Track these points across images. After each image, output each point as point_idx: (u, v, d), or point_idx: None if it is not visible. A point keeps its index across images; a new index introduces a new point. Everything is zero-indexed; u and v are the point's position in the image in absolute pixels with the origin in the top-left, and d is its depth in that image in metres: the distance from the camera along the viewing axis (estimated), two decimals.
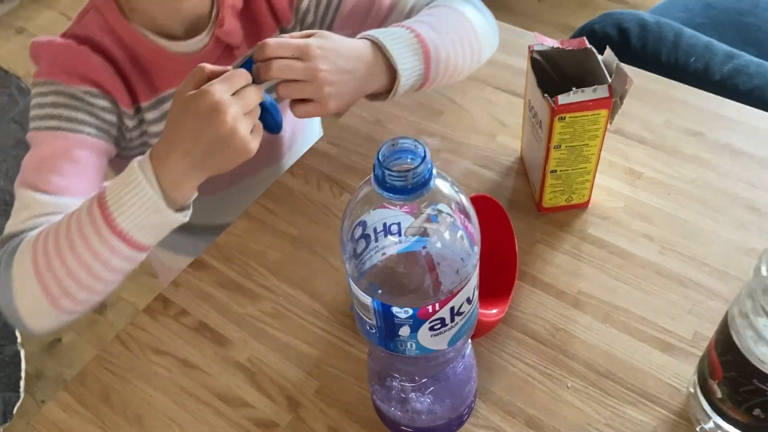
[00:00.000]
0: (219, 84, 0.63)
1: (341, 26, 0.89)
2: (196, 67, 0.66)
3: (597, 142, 0.77)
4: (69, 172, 0.75)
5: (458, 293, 0.50)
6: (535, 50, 0.79)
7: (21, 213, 0.73)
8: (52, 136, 0.76)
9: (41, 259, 0.67)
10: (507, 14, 2.38)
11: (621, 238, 0.81)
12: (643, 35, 1.15)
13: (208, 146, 0.64)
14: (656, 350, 0.72)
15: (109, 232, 0.65)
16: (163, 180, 0.65)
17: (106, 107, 0.80)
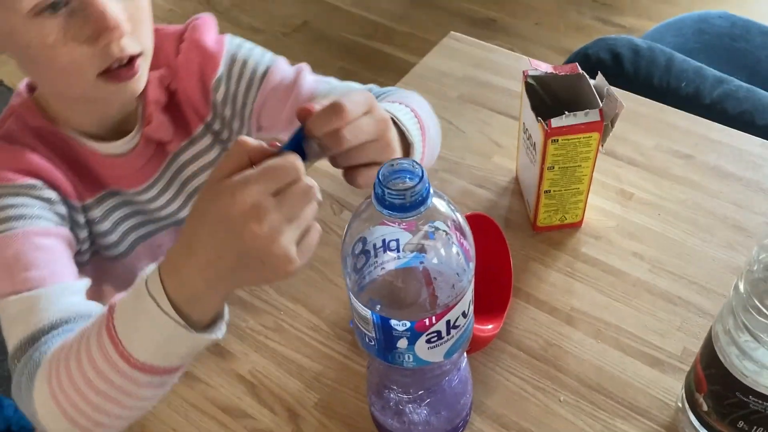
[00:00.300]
0: (257, 182, 0.47)
1: (259, 117, 0.85)
2: (236, 144, 0.50)
3: (589, 164, 0.80)
4: (41, 261, 0.67)
5: (454, 307, 0.53)
6: (530, 75, 0.81)
7: (17, 322, 0.64)
8: (8, 238, 0.67)
9: (62, 399, 0.57)
10: (504, 37, 2.42)
11: (613, 256, 0.84)
12: (635, 60, 1.18)
13: (236, 261, 0.49)
14: (646, 366, 0.74)
15: (128, 367, 0.54)
16: (179, 299, 0.52)
17: (53, 199, 0.72)
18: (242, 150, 0.50)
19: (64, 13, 0.64)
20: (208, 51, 0.81)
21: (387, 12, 2.62)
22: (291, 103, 0.82)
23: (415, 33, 2.51)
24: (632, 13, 2.48)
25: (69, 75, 0.67)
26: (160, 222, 0.86)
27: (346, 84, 0.84)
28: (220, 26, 0.86)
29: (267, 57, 0.85)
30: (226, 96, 0.83)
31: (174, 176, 0.85)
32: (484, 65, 1.09)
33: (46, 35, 0.64)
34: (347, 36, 2.54)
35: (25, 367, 0.61)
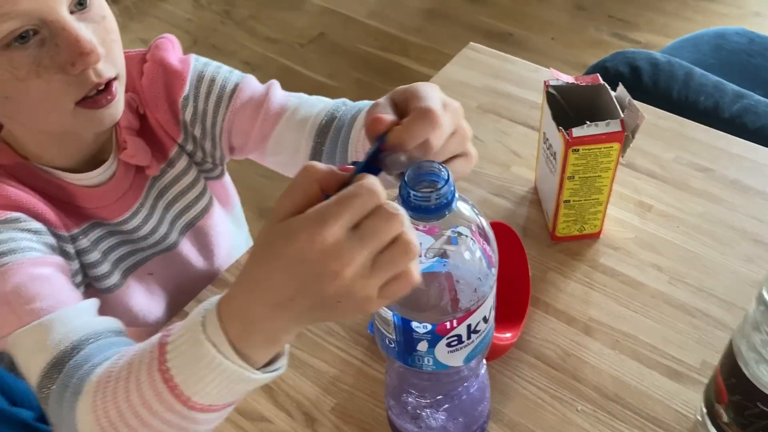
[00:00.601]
0: (335, 218, 0.42)
1: (229, 136, 0.83)
2: (304, 171, 0.45)
3: (609, 174, 0.80)
4: (43, 292, 0.63)
5: (475, 311, 0.53)
6: (551, 85, 0.82)
7: (35, 351, 0.61)
8: (3, 274, 0.63)
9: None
10: (521, 51, 2.43)
11: (631, 268, 0.84)
12: (654, 73, 1.19)
13: (311, 304, 0.44)
14: (664, 377, 0.74)
15: (185, 408, 0.50)
16: (243, 343, 0.47)
17: (40, 230, 0.69)
18: (311, 178, 0.45)
19: (34, 43, 0.61)
20: (173, 69, 0.79)
21: (403, 24, 2.63)
22: (261, 119, 0.80)
23: (431, 46, 2.52)
24: (649, 29, 2.48)
25: (46, 107, 0.65)
26: (147, 250, 0.85)
27: (316, 98, 0.81)
28: (236, 36, 0.85)
29: (235, 74, 0.82)
30: (194, 115, 0.81)
31: (155, 202, 0.83)
32: (504, 76, 1.10)
33: (17, 68, 0.61)
34: (363, 48, 2.56)
35: (63, 396, 0.56)
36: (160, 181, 0.83)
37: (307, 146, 0.79)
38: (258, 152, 0.83)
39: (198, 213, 0.88)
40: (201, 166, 0.87)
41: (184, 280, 0.90)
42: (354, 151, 0.73)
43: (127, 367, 0.52)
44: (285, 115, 0.80)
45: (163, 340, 0.50)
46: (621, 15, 2.56)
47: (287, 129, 0.79)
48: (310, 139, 0.78)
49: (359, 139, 0.73)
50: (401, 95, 0.54)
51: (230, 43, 2.55)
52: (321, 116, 0.78)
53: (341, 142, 0.75)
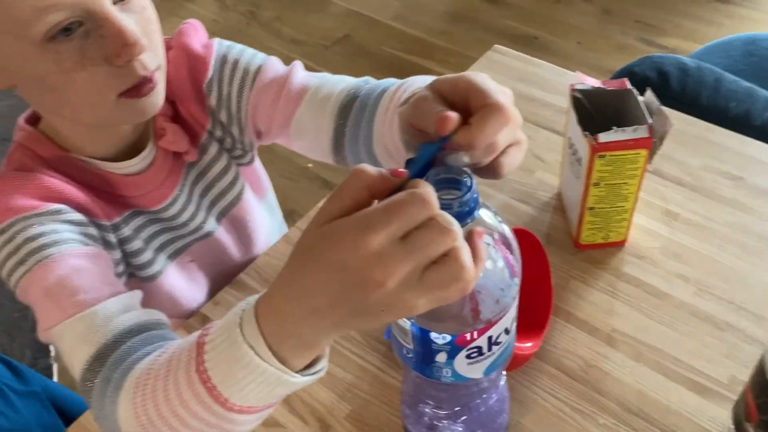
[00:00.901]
0: (382, 226, 0.40)
1: (254, 119, 0.82)
2: (353, 174, 0.43)
3: (636, 182, 0.78)
4: (86, 283, 0.63)
5: (497, 323, 0.51)
6: (577, 89, 0.80)
7: (78, 343, 0.61)
8: (45, 267, 0.63)
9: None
10: (546, 55, 2.40)
11: (657, 277, 0.81)
12: (683, 79, 1.16)
13: (352, 311, 0.43)
14: (690, 392, 0.72)
15: (223, 410, 0.49)
16: (281, 347, 0.46)
17: (82, 221, 0.69)
18: (360, 183, 0.42)
19: (79, 35, 0.61)
20: (196, 54, 0.79)
21: (428, 27, 2.62)
22: (282, 100, 0.78)
23: (456, 49, 2.50)
24: (677, 34, 2.45)
25: (90, 99, 0.65)
26: (187, 237, 0.85)
27: (339, 77, 0.79)
28: (262, 38, 0.84)
29: (259, 57, 0.81)
30: (219, 100, 0.80)
31: (192, 188, 0.83)
32: (528, 79, 1.08)
33: (63, 60, 0.61)
34: (387, 50, 2.55)
35: (105, 389, 0.56)
36: (194, 168, 0.83)
37: (329, 127, 0.76)
38: (283, 136, 0.82)
39: (232, 200, 0.88)
40: (231, 153, 0.86)
41: (223, 267, 0.90)
42: (379, 135, 0.70)
43: (166, 365, 0.52)
44: (306, 96, 0.77)
45: (201, 339, 0.49)
46: (648, 20, 2.52)
47: (308, 110, 0.77)
48: (332, 120, 0.76)
49: (385, 123, 0.69)
50: (451, 87, 0.51)
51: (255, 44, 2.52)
52: (342, 95, 0.76)
53: (365, 124, 0.73)
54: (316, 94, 0.77)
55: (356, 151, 0.75)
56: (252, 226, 0.92)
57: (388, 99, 0.70)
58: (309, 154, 0.83)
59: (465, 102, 0.50)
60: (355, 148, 0.75)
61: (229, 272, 0.89)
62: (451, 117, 0.47)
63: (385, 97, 0.71)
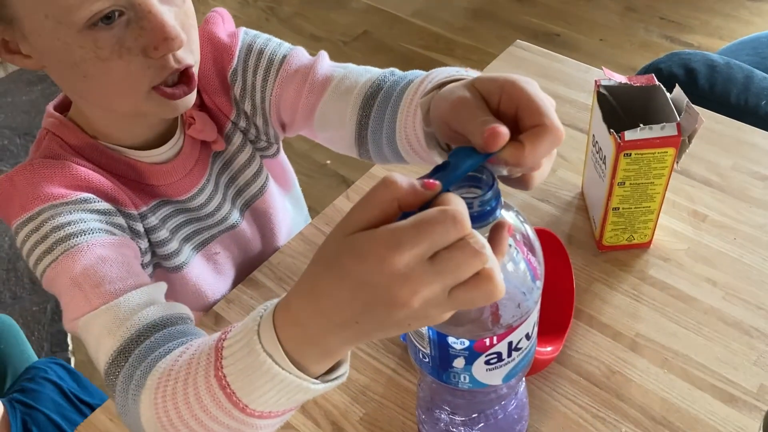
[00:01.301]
0: (411, 245, 0.38)
1: (278, 110, 0.80)
2: (383, 185, 0.40)
3: (662, 181, 0.75)
4: (112, 274, 0.63)
5: (518, 328, 0.49)
6: (602, 85, 0.77)
7: (103, 336, 0.60)
8: (71, 256, 0.63)
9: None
10: (569, 52, 2.36)
11: (683, 281, 0.79)
12: (711, 76, 1.13)
13: (376, 326, 0.42)
14: (717, 401, 0.69)
15: (243, 416, 0.49)
16: (300, 355, 0.45)
17: (110, 210, 0.69)
18: (390, 195, 0.40)
19: (119, 24, 0.61)
20: (222, 42, 0.78)
21: (448, 23, 2.59)
22: (306, 90, 0.77)
23: (477, 45, 2.47)
24: (702, 31, 2.40)
25: (123, 88, 0.65)
26: (213, 228, 0.84)
27: (364, 68, 0.77)
28: (281, 33, 0.83)
29: (284, 47, 0.80)
30: (243, 90, 0.79)
31: (218, 179, 0.83)
32: (551, 75, 1.05)
33: (101, 48, 0.61)
34: (407, 46, 2.52)
35: (128, 386, 0.56)
36: (220, 158, 0.82)
37: (352, 119, 0.74)
38: (307, 127, 0.80)
39: (255, 192, 0.87)
40: (255, 144, 0.85)
41: (248, 259, 0.90)
42: (402, 128, 0.68)
43: (186, 368, 0.51)
44: (330, 86, 0.76)
45: (220, 344, 0.48)
46: (673, 16, 2.47)
47: (332, 100, 0.76)
48: (355, 111, 0.74)
49: (409, 115, 0.67)
50: (497, 90, 0.48)
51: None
52: (366, 86, 0.74)
53: (389, 117, 0.70)
54: (341, 84, 0.75)
55: (379, 143, 0.73)
56: (275, 220, 0.91)
57: (412, 92, 0.67)
58: (333, 146, 0.81)
59: (512, 111, 0.47)
60: (378, 140, 0.73)
61: (253, 266, 0.88)
62: (503, 134, 0.44)
63: (410, 89, 0.68)
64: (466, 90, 0.49)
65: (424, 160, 0.69)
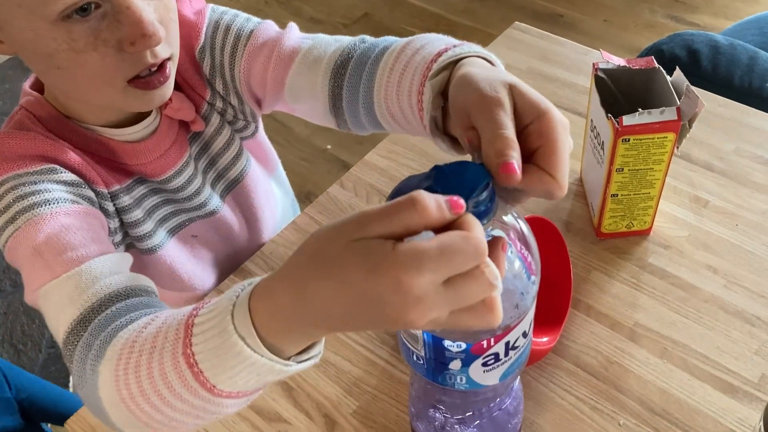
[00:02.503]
0: (431, 269, 0.37)
1: (249, 85, 0.78)
2: (409, 205, 0.38)
3: (662, 167, 0.73)
4: (75, 241, 0.61)
5: (515, 327, 0.47)
6: (600, 68, 0.75)
7: (64, 306, 0.58)
8: (34, 225, 0.62)
9: (134, 408, 0.51)
10: (571, 33, 2.33)
11: (683, 269, 0.77)
12: (714, 57, 1.10)
13: (371, 327, 0.43)
14: (717, 391, 0.67)
15: (211, 396, 0.47)
16: (277, 341, 0.44)
17: (76, 181, 0.67)
18: (419, 218, 0.38)
19: (95, 16, 0.59)
20: (188, 20, 0.76)
21: (449, 5, 2.56)
22: (273, 63, 0.74)
23: (478, 27, 2.44)
24: (708, 11, 2.36)
25: (97, 81, 0.63)
26: (191, 212, 0.82)
27: (333, 37, 0.74)
28: (280, 16, 0.80)
29: (252, 21, 0.77)
30: (213, 67, 0.77)
31: (197, 162, 0.81)
32: (550, 58, 1.03)
33: (75, 40, 0.59)
34: (408, 28, 2.49)
35: (86, 356, 0.54)
36: (198, 140, 0.81)
37: (324, 89, 0.72)
38: (280, 101, 0.78)
39: (236, 176, 0.86)
40: (234, 125, 0.84)
41: (229, 245, 0.88)
42: (382, 98, 0.65)
43: (152, 341, 0.49)
44: (298, 57, 0.73)
45: (190, 320, 0.47)
46: None
47: (301, 71, 0.73)
48: (326, 82, 0.71)
49: (391, 85, 0.64)
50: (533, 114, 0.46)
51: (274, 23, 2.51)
52: (336, 55, 0.71)
53: (364, 85, 0.67)
54: (308, 54, 0.73)
55: (356, 113, 0.70)
56: (257, 204, 0.89)
57: (392, 59, 0.64)
58: (310, 118, 0.79)
59: (535, 144, 0.46)
60: (355, 110, 0.70)
61: (236, 251, 0.87)
62: (516, 178, 0.43)
63: (388, 56, 0.65)
64: (504, 91, 0.47)
65: (405, 131, 0.67)
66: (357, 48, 0.70)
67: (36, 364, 1.71)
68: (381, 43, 0.69)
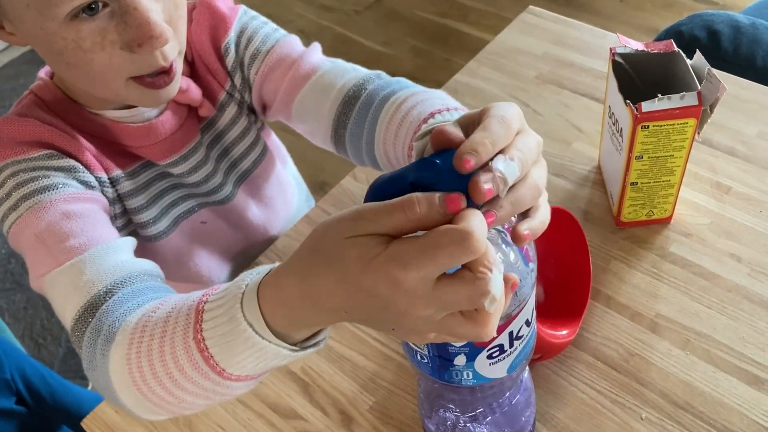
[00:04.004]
0: (416, 268, 0.37)
1: (260, 92, 0.80)
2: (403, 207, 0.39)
3: (683, 154, 0.71)
4: (77, 228, 0.62)
5: (516, 317, 0.46)
6: (617, 53, 0.73)
7: (70, 294, 0.59)
8: (35, 212, 0.63)
9: (146, 390, 0.52)
10: (586, 15, 2.30)
11: (705, 257, 0.75)
12: (735, 37, 1.07)
13: (368, 320, 0.43)
14: (742, 383, 0.66)
15: (220, 378, 0.49)
16: (284, 329, 0.45)
17: (75, 167, 0.68)
18: (411, 217, 0.38)
19: (102, 16, 0.59)
20: (220, 13, 0.77)
21: None
22: (289, 78, 0.76)
23: (491, 11, 2.41)
24: None
25: (104, 79, 0.64)
26: (200, 198, 0.82)
27: (352, 66, 0.76)
28: (292, 4, 0.80)
29: (279, 33, 0.79)
30: (235, 63, 0.78)
31: (209, 150, 0.81)
32: (566, 42, 1.01)
33: (83, 39, 0.59)
34: (420, 14, 2.46)
35: (96, 341, 0.55)
36: (213, 128, 0.81)
37: (330, 115, 0.73)
38: (285, 115, 0.80)
39: (250, 165, 0.86)
40: (251, 117, 0.84)
41: (240, 234, 0.88)
42: (381, 142, 0.67)
43: (162, 325, 0.50)
44: (313, 78, 0.75)
45: (201, 306, 0.48)
46: None
47: (312, 92, 0.75)
48: (334, 108, 0.73)
49: (389, 133, 0.65)
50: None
51: (286, 12, 2.49)
52: (349, 86, 0.72)
53: (368, 126, 0.69)
54: (323, 77, 0.75)
55: (358, 148, 0.72)
56: (271, 194, 0.90)
57: (393, 108, 0.66)
58: (311, 138, 0.80)
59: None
60: (358, 145, 0.72)
61: (246, 241, 0.87)
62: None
63: (390, 104, 0.67)
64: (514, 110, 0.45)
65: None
66: (371, 83, 0.72)
67: (56, 358, 1.73)
68: (391, 84, 0.70)
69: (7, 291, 1.89)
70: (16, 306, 1.85)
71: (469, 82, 0.99)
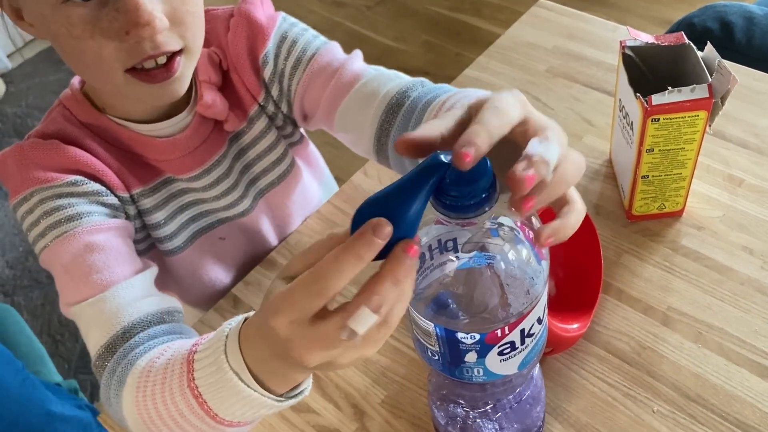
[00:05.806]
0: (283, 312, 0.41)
1: (302, 101, 0.79)
2: (324, 239, 0.43)
3: (694, 146, 0.71)
4: (100, 263, 0.64)
5: (528, 314, 0.46)
6: (628, 45, 0.73)
7: (92, 327, 0.63)
8: (61, 244, 0.65)
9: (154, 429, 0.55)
10: (599, 6, 2.28)
11: (717, 250, 0.75)
12: (749, 29, 1.06)
13: (299, 370, 0.47)
14: (755, 376, 0.66)
15: (215, 423, 0.51)
16: (263, 375, 0.47)
17: (99, 191, 0.69)
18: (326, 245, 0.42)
19: (94, 3, 0.58)
20: (258, 23, 0.76)
21: None
22: (332, 87, 0.75)
23: (505, 5, 2.40)
24: None
25: (97, 69, 0.63)
26: (220, 213, 0.82)
27: (395, 73, 0.75)
28: (303, 2, 0.80)
29: (319, 40, 0.78)
30: (273, 74, 0.77)
31: (233, 163, 0.80)
32: (577, 36, 1.01)
33: (73, 26, 0.59)
34: (432, 8, 2.46)
35: (111, 381, 0.59)
36: (239, 141, 0.80)
37: (373, 124, 0.72)
38: (327, 123, 0.78)
39: (274, 179, 0.85)
40: (282, 131, 0.84)
41: (256, 248, 0.88)
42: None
43: (162, 372, 0.54)
44: (356, 86, 0.74)
45: (191, 357, 0.51)
46: None
47: (355, 101, 0.74)
48: (377, 117, 0.71)
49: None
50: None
51: (297, 8, 2.50)
52: (392, 93, 0.71)
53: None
54: (367, 86, 0.73)
55: (400, 156, 0.70)
56: (290, 210, 0.89)
57: (436, 110, 0.65)
58: (352, 147, 0.79)
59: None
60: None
61: (261, 255, 0.86)
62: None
63: (433, 108, 0.66)
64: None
65: None
66: (414, 90, 0.71)
67: (74, 354, 1.74)
68: (434, 90, 0.69)
69: (25, 288, 1.91)
70: (34, 303, 1.88)
71: (479, 76, 0.99)
